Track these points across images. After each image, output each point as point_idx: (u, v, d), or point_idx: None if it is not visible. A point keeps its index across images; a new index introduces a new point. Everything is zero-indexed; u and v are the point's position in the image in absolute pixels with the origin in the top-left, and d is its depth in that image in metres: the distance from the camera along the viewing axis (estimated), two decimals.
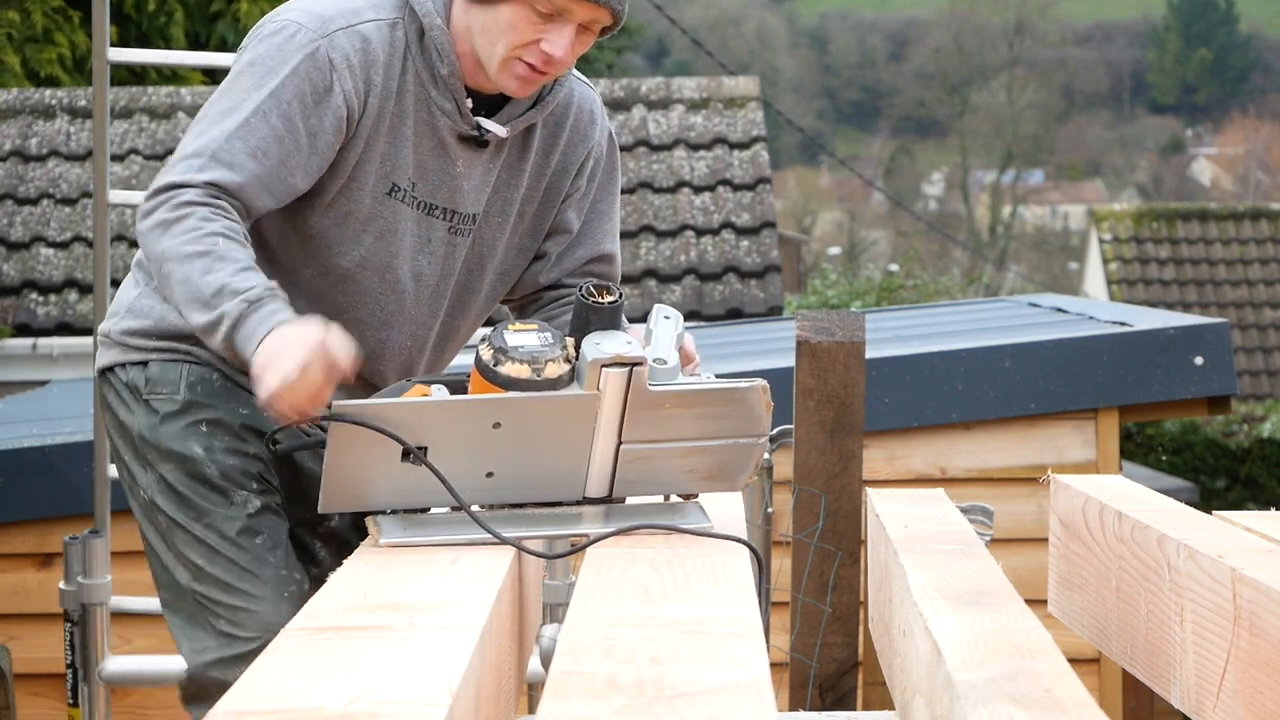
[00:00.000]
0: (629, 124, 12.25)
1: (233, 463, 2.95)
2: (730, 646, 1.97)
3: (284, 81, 2.80)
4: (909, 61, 61.09)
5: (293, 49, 2.81)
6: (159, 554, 2.98)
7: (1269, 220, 22.02)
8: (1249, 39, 64.77)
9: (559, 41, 2.80)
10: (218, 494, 2.93)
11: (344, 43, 2.82)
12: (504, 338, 2.61)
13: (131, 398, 2.99)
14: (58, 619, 4.53)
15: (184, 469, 2.94)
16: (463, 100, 2.89)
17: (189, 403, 2.96)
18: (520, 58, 2.83)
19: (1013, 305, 8.48)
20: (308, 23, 2.83)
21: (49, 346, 10.96)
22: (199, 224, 2.70)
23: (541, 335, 2.63)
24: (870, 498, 3.28)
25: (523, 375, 2.58)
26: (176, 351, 2.98)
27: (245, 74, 2.83)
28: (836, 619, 4.15)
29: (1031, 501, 5.63)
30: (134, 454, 2.99)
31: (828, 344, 4.07)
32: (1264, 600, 2.12)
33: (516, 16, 2.80)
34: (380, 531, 2.59)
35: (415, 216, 2.94)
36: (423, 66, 2.88)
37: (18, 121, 12.24)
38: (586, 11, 2.80)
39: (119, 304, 3.06)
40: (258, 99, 2.79)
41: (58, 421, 6.05)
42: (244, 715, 1.68)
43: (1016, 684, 1.84)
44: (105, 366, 3.05)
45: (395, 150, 2.89)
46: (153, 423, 2.96)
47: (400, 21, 2.87)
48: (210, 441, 2.95)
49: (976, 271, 40.39)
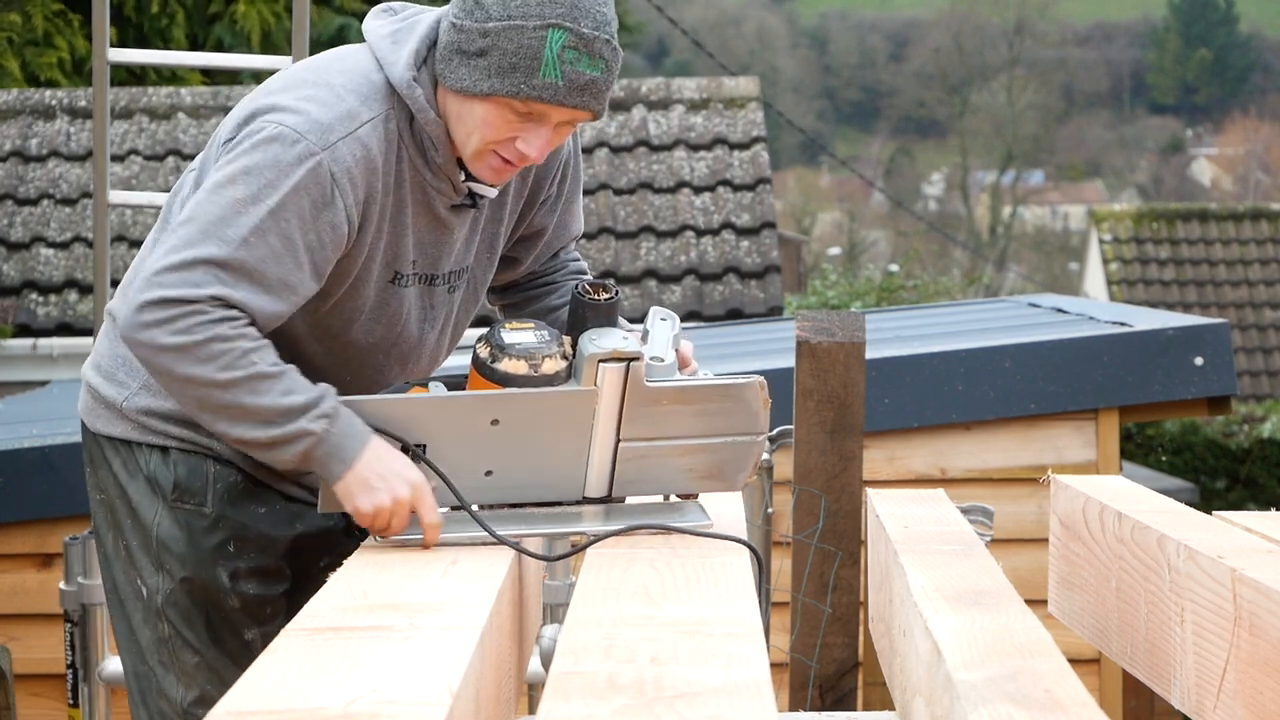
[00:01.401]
0: (629, 124, 12.25)
1: (254, 592, 2.92)
2: (730, 646, 1.97)
3: (284, 200, 2.66)
4: (909, 61, 61.07)
5: (291, 161, 2.67)
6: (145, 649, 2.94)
7: (1269, 220, 22.02)
8: (1249, 39, 64.75)
9: (535, 142, 2.75)
10: (229, 628, 2.91)
11: (345, 154, 2.70)
12: (501, 335, 2.62)
13: (152, 494, 2.92)
14: (58, 619, 4.53)
15: (205, 595, 2.91)
16: (456, 179, 2.84)
17: (218, 517, 2.90)
18: (496, 151, 2.77)
19: (1013, 305, 8.48)
20: (307, 133, 2.69)
21: (49, 346, 10.96)
22: (227, 346, 2.62)
23: (538, 332, 2.63)
24: (870, 498, 3.28)
25: (520, 371, 2.59)
26: (198, 446, 2.91)
27: (240, 182, 2.67)
28: (836, 619, 4.15)
29: (1031, 501, 5.63)
30: (145, 550, 2.92)
31: (828, 344, 4.07)
32: (1264, 600, 2.12)
33: (492, 115, 2.73)
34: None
35: (418, 291, 2.92)
36: (416, 153, 2.80)
37: (18, 122, 12.24)
38: (564, 114, 2.74)
39: (127, 373, 2.93)
40: (257, 216, 2.65)
41: (58, 421, 6.04)
42: (244, 715, 1.68)
43: (1016, 684, 1.84)
44: (119, 438, 2.94)
45: (397, 241, 2.84)
46: (179, 537, 2.90)
47: (391, 112, 2.77)
48: (235, 565, 2.90)
49: (976, 272, 40.38)
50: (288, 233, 2.67)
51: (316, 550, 2.98)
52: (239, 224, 2.65)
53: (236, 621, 2.91)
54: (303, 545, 2.98)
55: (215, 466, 2.91)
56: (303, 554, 2.99)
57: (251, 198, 2.66)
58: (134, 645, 2.96)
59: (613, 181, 11.76)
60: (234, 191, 2.67)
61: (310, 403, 2.63)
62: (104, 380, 2.96)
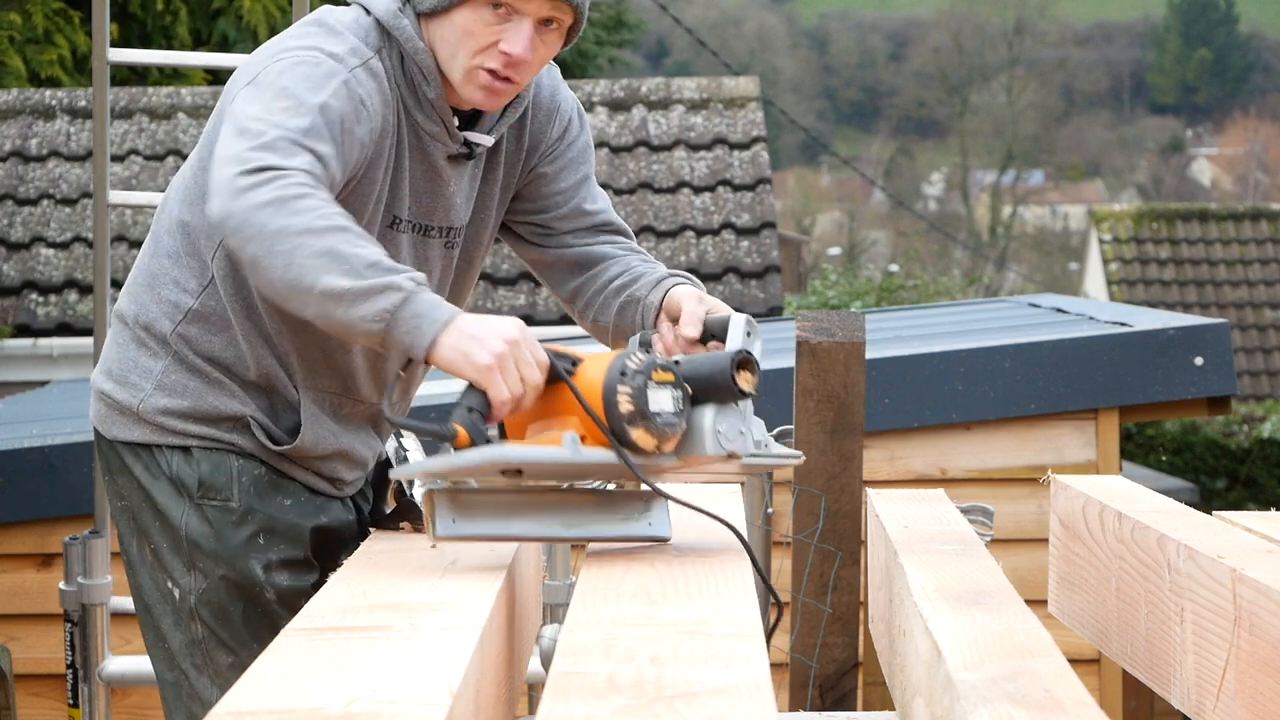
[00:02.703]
0: (629, 124, 12.25)
1: (287, 584, 2.90)
2: (730, 646, 1.97)
3: (330, 99, 2.67)
4: (909, 61, 61.09)
5: (324, 75, 2.70)
6: (175, 654, 2.92)
7: (1269, 220, 22.02)
8: (1249, 39, 64.77)
9: (517, 39, 2.74)
10: (267, 623, 2.85)
11: (365, 79, 2.74)
12: (647, 395, 2.44)
13: (178, 495, 2.90)
14: (58, 619, 4.53)
15: (240, 591, 2.89)
16: (450, 121, 2.85)
17: (246, 510, 2.89)
18: (481, 66, 2.77)
19: (1013, 305, 8.49)
20: (327, 58, 2.72)
21: (49, 346, 10.96)
22: (322, 204, 2.56)
23: (675, 396, 2.47)
24: (870, 498, 3.28)
25: (647, 448, 2.44)
26: (219, 442, 2.89)
27: (287, 91, 2.67)
28: (836, 619, 4.15)
29: (1031, 501, 5.63)
30: (175, 550, 2.91)
31: (828, 344, 4.07)
32: (1264, 600, 2.12)
33: (471, 20, 2.75)
34: (434, 528, 2.47)
35: (412, 240, 2.91)
36: (407, 93, 2.82)
37: (18, 122, 12.24)
38: (541, 6, 2.74)
39: (138, 374, 2.92)
40: (314, 103, 2.66)
41: (58, 421, 6.04)
42: (244, 715, 1.68)
43: (1016, 684, 1.84)
44: (138, 443, 2.92)
45: (396, 183, 2.85)
46: (208, 533, 2.88)
47: (384, 50, 2.80)
48: (268, 557, 2.89)
49: (976, 272, 40.38)
50: (343, 122, 2.67)
51: (339, 544, 2.98)
52: (304, 111, 2.64)
53: (274, 615, 2.87)
54: (327, 538, 2.97)
55: (239, 461, 2.90)
56: (327, 547, 2.98)
57: (310, 89, 2.67)
58: (164, 651, 2.94)
59: (613, 181, 11.76)
60: (287, 90, 2.66)
61: (402, 266, 2.54)
62: (116, 385, 2.94)
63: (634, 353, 2.48)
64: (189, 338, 2.89)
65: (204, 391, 2.89)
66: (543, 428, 2.49)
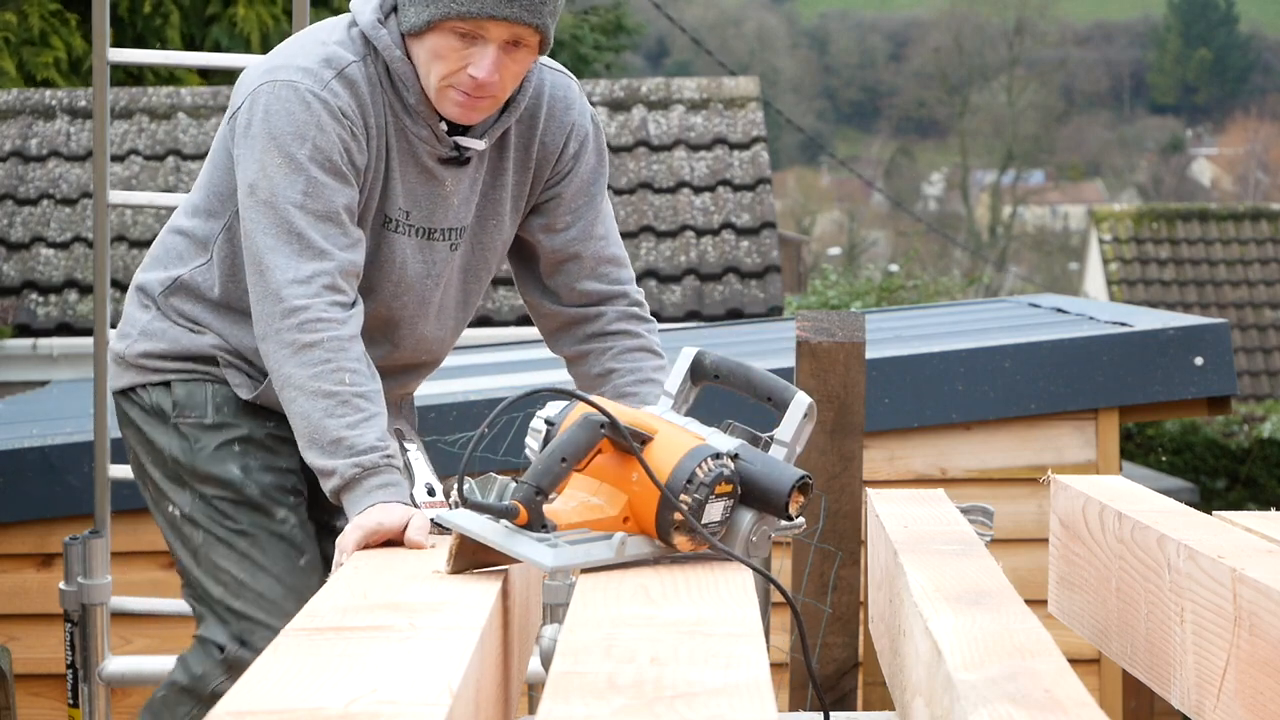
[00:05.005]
0: (629, 124, 12.25)
1: (269, 480, 3.04)
2: (730, 647, 1.97)
3: (313, 151, 2.84)
4: (909, 61, 61.08)
5: (299, 105, 2.85)
6: (188, 569, 3.07)
7: (1269, 220, 22.02)
8: (1249, 39, 64.76)
9: (482, 64, 2.84)
10: (260, 513, 3.02)
11: (342, 91, 2.87)
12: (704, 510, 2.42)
13: (159, 421, 3.08)
14: (58, 619, 4.53)
15: (224, 491, 3.03)
16: (436, 125, 2.95)
17: (219, 424, 3.05)
18: (452, 85, 2.88)
19: (1013, 305, 8.48)
20: (302, 79, 2.86)
21: (49, 346, 10.97)
22: (328, 355, 2.76)
23: (726, 505, 2.46)
24: (870, 498, 3.28)
25: (683, 549, 2.45)
26: (195, 372, 3.06)
27: (272, 152, 2.84)
28: (836, 619, 4.15)
29: (1031, 501, 5.63)
30: (166, 474, 3.08)
31: (828, 344, 4.07)
32: (1264, 600, 2.12)
33: (440, 45, 2.85)
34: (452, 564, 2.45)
35: (416, 244, 3.01)
36: (395, 99, 2.93)
37: (18, 122, 12.24)
38: (503, 30, 2.83)
39: (129, 325, 3.13)
40: (303, 157, 2.83)
41: (58, 421, 6.05)
42: (244, 715, 1.68)
43: (1016, 684, 1.84)
44: (126, 388, 3.12)
45: (386, 185, 2.96)
46: (185, 446, 3.05)
47: (369, 58, 2.92)
48: (245, 461, 3.04)
49: (976, 272, 40.37)
50: (335, 169, 2.85)
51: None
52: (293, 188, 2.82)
53: (262, 506, 3.02)
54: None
55: (214, 386, 3.06)
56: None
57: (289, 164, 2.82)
58: (188, 576, 3.08)
59: (613, 181, 11.76)
60: (272, 159, 2.83)
61: (360, 447, 2.72)
62: (116, 339, 3.16)
63: (707, 457, 2.44)
64: (175, 299, 3.07)
65: (181, 337, 3.06)
66: (593, 488, 2.47)
